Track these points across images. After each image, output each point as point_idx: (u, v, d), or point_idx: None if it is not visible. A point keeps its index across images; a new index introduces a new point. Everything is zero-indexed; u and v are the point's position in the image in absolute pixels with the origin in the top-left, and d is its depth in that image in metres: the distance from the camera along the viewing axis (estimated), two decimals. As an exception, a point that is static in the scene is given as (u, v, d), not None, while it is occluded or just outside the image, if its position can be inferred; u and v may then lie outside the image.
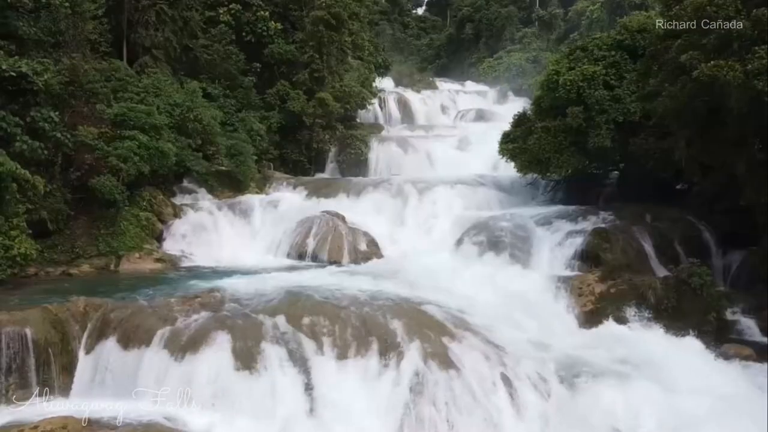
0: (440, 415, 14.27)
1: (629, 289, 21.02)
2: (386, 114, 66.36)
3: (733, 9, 19.32)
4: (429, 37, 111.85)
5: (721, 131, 21.20)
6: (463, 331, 16.97)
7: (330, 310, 17.68)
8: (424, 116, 65.04)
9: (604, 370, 15.56)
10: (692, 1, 19.86)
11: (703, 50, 19.79)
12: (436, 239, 28.74)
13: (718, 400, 14.10)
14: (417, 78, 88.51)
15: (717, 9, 19.34)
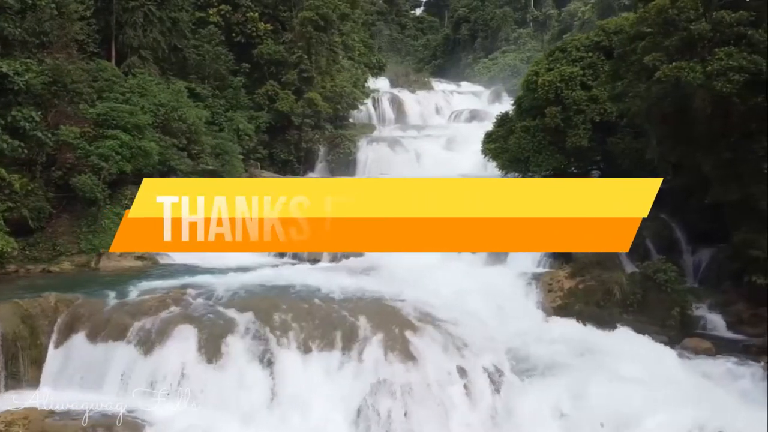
0: (396, 405, 14.65)
1: (597, 285, 21.41)
2: (380, 114, 66.67)
3: (695, 12, 19.66)
4: (426, 38, 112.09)
5: (689, 131, 21.51)
6: (427, 325, 17.28)
7: (298, 306, 18.06)
8: (418, 116, 65.39)
9: (560, 362, 15.95)
10: (656, 3, 20.18)
11: (666, 52, 20.12)
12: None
13: (665, 390, 14.44)
14: (413, 78, 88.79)
15: (679, 12, 19.67)
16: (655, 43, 20.46)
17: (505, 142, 31.65)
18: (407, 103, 68.18)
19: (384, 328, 16.78)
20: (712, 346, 18.61)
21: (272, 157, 45.69)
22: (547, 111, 28.91)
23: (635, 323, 19.72)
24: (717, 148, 20.90)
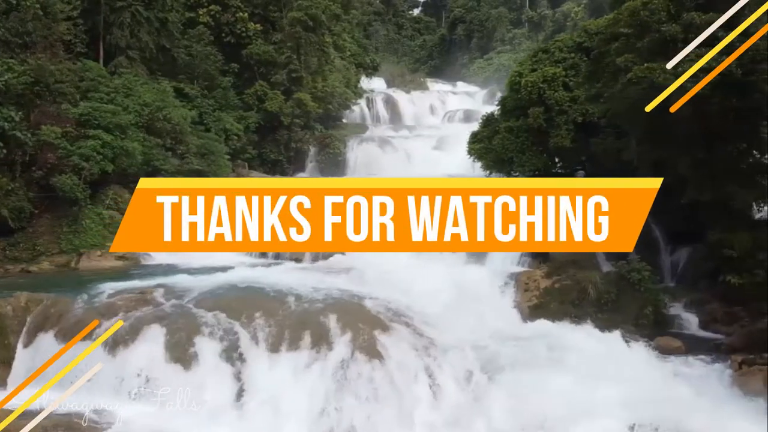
0: (359, 404, 14.68)
1: (572, 284, 21.44)
2: (374, 114, 66.81)
3: (666, 13, 19.72)
4: (422, 38, 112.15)
5: (665, 131, 21.54)
6: (398, 324, 17.36)
7: (270, 305, 18.10)
8: (412, 117, 65.47)
9: (529, 361, 15.95)
10: (629, 5, 20.26)
11: (638, 53, 20.19)
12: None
13: (630, 388, 14.48)
14: (408, 79, 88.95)
15: (650, 13, 19.75)
16: (628, 45, 20.52)
17: (490, 143, 31.66)
18: (401, 103, 68.30)
19: (353, 328, 16.81)
20: (682, 345, 18.60)
21: (262, 157, 45.74)
22: (530, 111, 28.97)
23: (609, 322, 19.65)
24: (692, 149, 20.96)
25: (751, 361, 16.36)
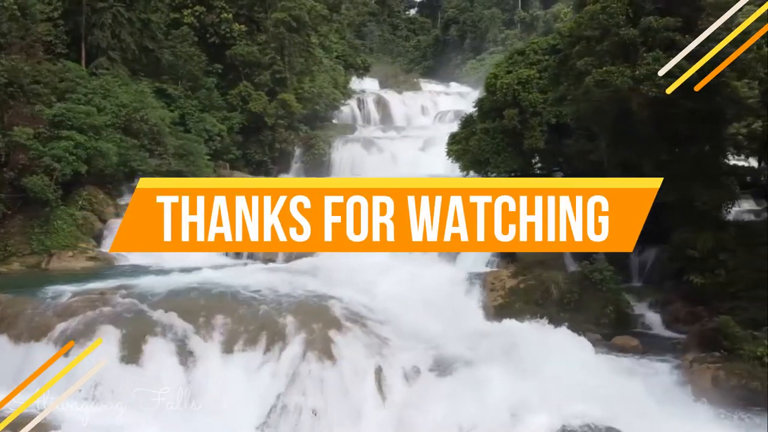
0: (307, 403, 14.72)
1: (537, 284, 21.53)
2: (365, 115, 66.83)
3: (624, 17, 19.83)
4: (417, 39, 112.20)
5: (632, 134, 21.62)
6: (354, 324, 17.40)
7: (229, 306, 18.18)
8: (403, 117, 65.48)
9: (479, 360, 15.97)
10: (588, 8, 20.38)
11: (598, 56, 20.29)
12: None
13: (574, 387, 14.56)
14: (402, 79, 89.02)
15: (609, 17, 19.85)
16: (588, 48, 20.64)
17: (467, 144, 31.76)
18: (392, 104, 68.30)
19: (308, 328, 16.87)
20: (639, 344, 18.76)
21: (246, 158, 45.76)
22: (505, 113, 29.14)
23: (571, 321, 19.66)
24: (656, 151, 21.04)
25: (701, 359, 16.42)
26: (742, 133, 26.68)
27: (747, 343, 15.98)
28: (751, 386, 15.12)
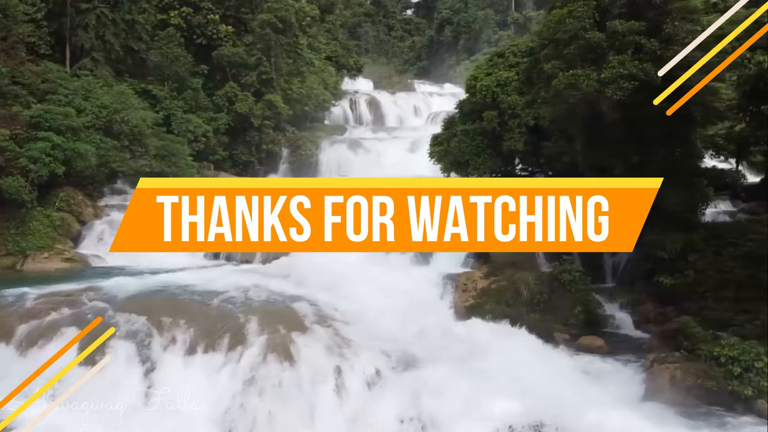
0: (263, 405, 14.67)
1: (508, 284, 21.50)
2: (357, 115, 66.89)
3: (590, 21, 19.88)
4: (411, 39, 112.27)
5: (603, 135, 21.63)
6: (318, 325, 17.39)
7: (194, 308, 18.22)
8: (395, 118, 65.51)
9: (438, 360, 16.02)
10: (556, 12, 20.45)
11: (565, 59, 20.33)
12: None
13: (531, 387, 14.62)
14: (396, 80, 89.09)
15: (575, 20, 19.89)
16: (556, 51, 20.70)
17: (448, 145, 31.84)
18: (385, 104, 68.35)
19: (271, 330, 16.86)
20: (604, 344, 18.73)
21: (233, 159, 45.81)
22: (484, 115, 29.24)
23: (540, 322, 19.84)
24: (626, 152, 21.05)
25: (662, 359, 16.39)
26: (721, 135, 26.85)
27: (706, 344, 15.98)
28: (707, 386, 15.09)
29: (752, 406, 14.73)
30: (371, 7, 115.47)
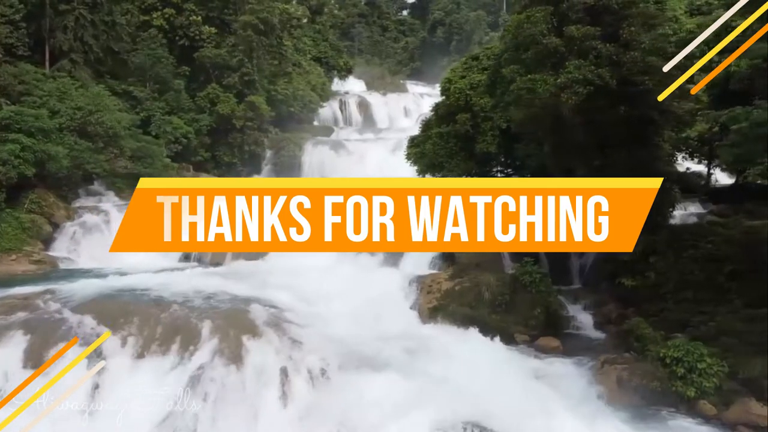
0: (206, 408, 14.58)
1: (471, 286, 21.46)
2: (346, 116, 66.84)
3: (547, 27, 19.88)
4: (405, 40, 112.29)
5: (568, 139, 21.60)
6: (271, 328, 17.31)
7: (150, 311, 18.13)
8: (385, 119, 65.53)
9: (390, 362, 15.98)
10: (514, 17, 20.51)
11: (524, 64, 20.33)
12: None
13: (473, 388, 14.61)
14: (388, 81, 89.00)
15: (532, 26, 19.89)
16: (516, 56, 20.73)
17: (424, 147, 31.83)
18: (375, 105, 68.33)
19: (223, 332, 16.79)
20: (560, 345, 18.82)
21: (216, 159, 45.71)
22: (458, 117, 29.19)
23: (501, 322, 19.93)
24: (589, 155, 21.03)
25: (612, 360, 16.42)
26: (694, 138, 26.78)
27: (654, 345, 15.95)
28: (652, 386, 15.16)
29: (695, 406, 14.83)
30: (365, 7, 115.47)
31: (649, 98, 19.38)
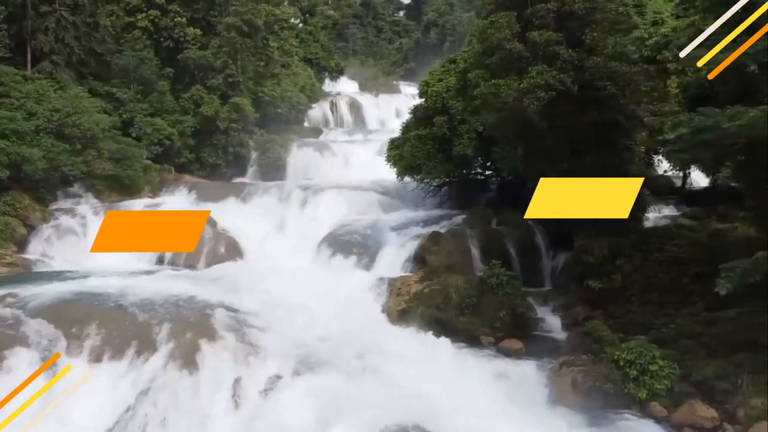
0: (156, 414, 14.48)
1: (440, 288, 21.40)
2: (337, 118, 66.73)
3: (510, 32, 19.84)
4: (399, 41, 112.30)
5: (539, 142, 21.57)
6: (231, 333, 17.23)
7: (110, 315, 18.06)
8: (376, 120, 65.42)
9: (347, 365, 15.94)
10: (479, 23, 20.52)
11: (488, 69, 20.32)
12: (306, 243, 28.85)
13: (422, 391, 14.65)
14: (381, 82, 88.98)
15: (496, 31, 19.87)
16: (480, 61, 20.75)
17: (403, 149, 31.87)
18: (366, 106, 68.26)
19: (181, 337, 16.70)
20: (523, 347, 18.81)
21: (201, 161, 45.51)
22: (435, 120, 29.28)
23: (468, 325, 19.93)
24: (558, 160, 21.00)
25: (570, 362, 16.38)
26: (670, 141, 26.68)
27: (610, 347, 15.87)
28: (605, 388, 15.10)
29: (646, 407, 14.80)
30: (360, 8, 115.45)
31: (613, 103, 19.42)
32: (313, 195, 33.59)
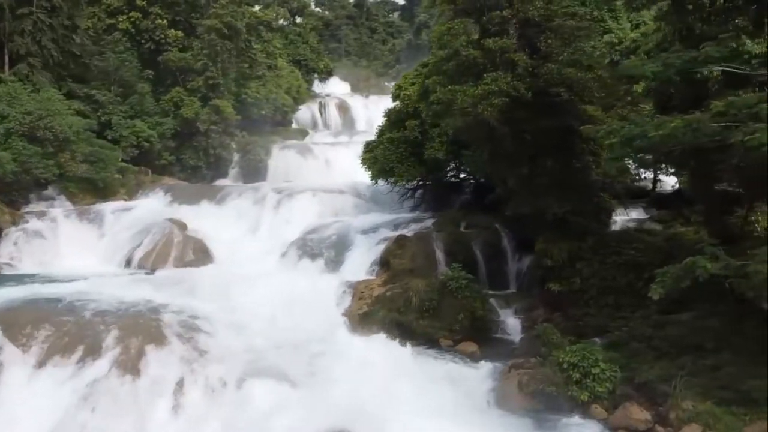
0: (94, 420, 14.31)
1: (402, 292, 21.31)
2: (325, 119, 66.64)
3: (467, 39, 19.73)
4: (392, 43, 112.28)
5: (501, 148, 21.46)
6: (179, 338, 17.03)
7: (61, 319, 17.79)
8: (365, 121, 65.29)
9: (290, 370, 15.86)
10: (437, 29, 20.49)
11: (446, 75, 20.25)
12: (276, 245, 28.70)
13: (370, 389, 14.66)
14: (373, 83, 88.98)
15: (452, 38, 19.81)
16: (437, 67, 20.73)
17: (377, 152, 31.79)
18: (355, 108, 68.19)
19: (128, 342, 16.49)
20: (477, 350, 18.88)
21: (181, 163, 45.37)
22: (407, 123, 29.18)
23: (428, 328, 19.93)
24: (518, 165, 20.92)
25: (519, 365, 16.37)
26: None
27: (558, 350, 15.78)
28: (548, 391, 15.10)
29: (588, 410, 14.80)
30: (354, 9, 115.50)
31: (570, 108, 19.32)
32: (288, 198, 33.36)
